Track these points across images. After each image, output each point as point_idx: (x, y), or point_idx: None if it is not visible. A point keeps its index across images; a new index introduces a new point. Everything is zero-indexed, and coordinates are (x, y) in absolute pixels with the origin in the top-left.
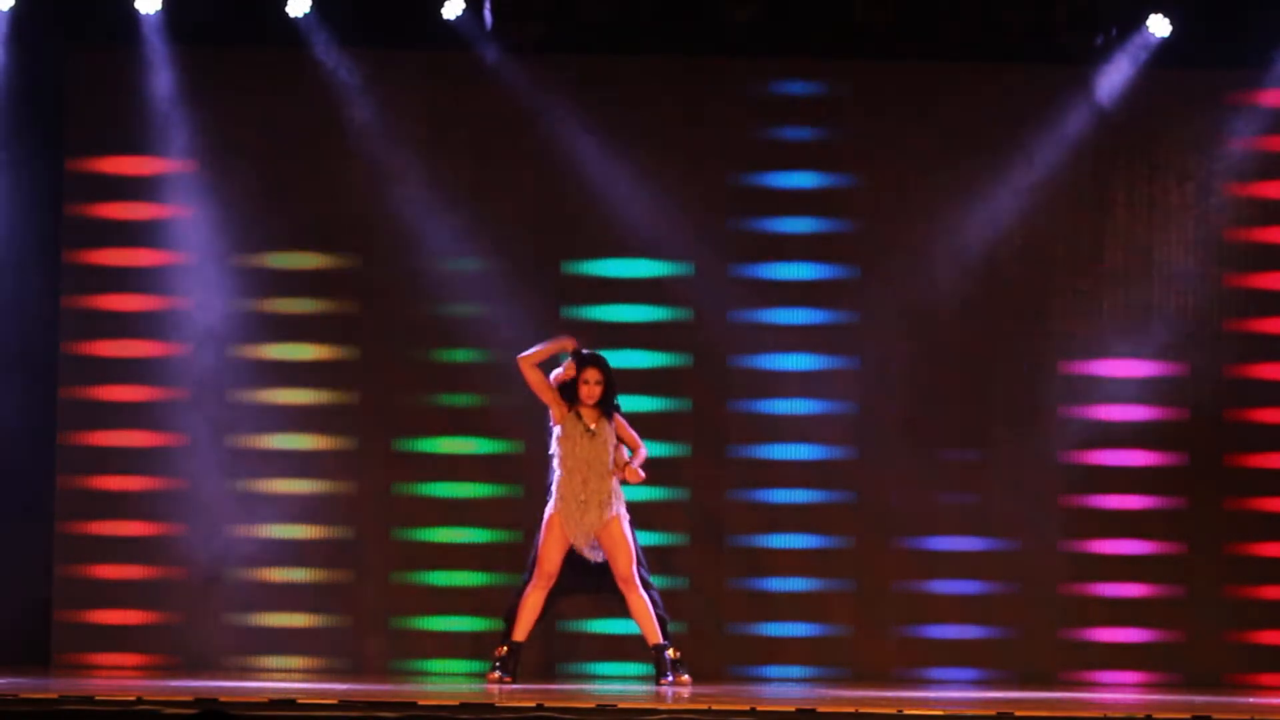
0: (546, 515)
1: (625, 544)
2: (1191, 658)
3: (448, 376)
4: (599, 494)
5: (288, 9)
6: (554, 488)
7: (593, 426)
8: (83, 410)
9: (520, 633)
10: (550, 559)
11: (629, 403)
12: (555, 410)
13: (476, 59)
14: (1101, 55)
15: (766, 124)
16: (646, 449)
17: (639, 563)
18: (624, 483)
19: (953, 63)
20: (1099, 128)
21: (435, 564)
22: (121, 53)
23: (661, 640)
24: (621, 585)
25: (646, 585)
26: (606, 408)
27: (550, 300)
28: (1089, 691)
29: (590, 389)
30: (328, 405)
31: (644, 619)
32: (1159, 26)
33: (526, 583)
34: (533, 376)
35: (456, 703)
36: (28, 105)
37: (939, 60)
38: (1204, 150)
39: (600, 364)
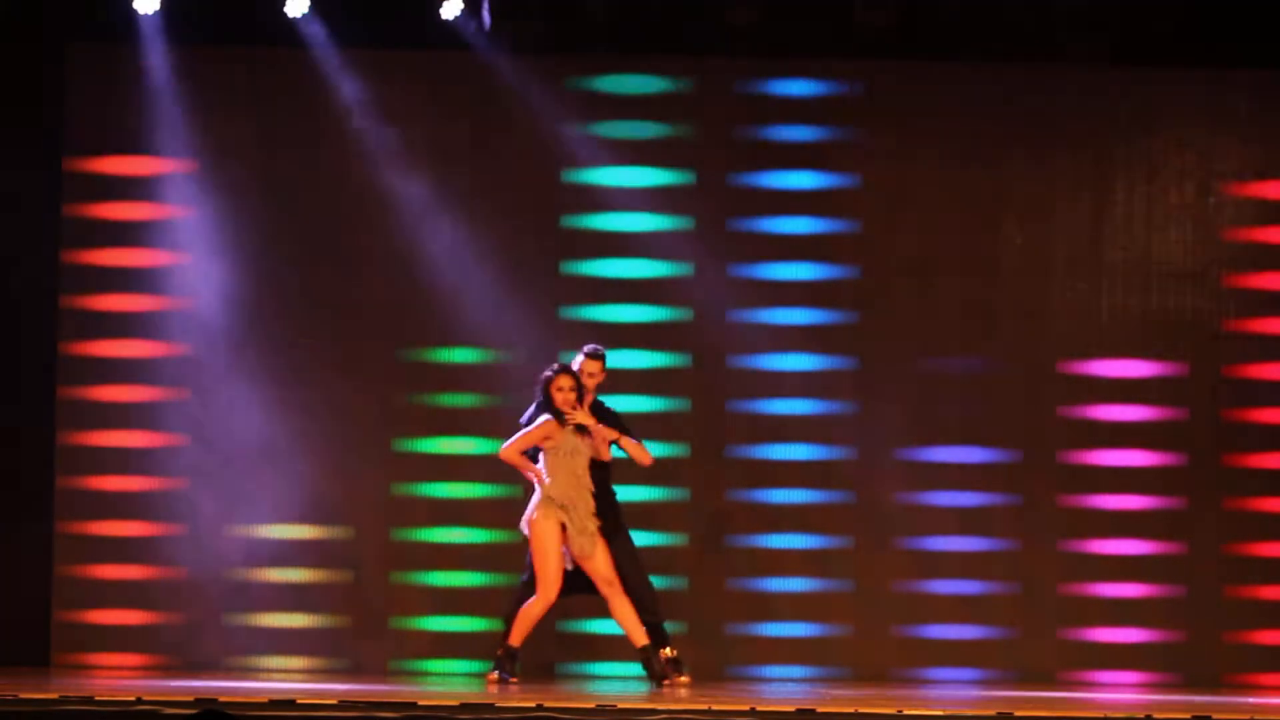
0: (540, 528)
1: (603, 546)
2: (1191, 658)
3: (447, 376)
4: (588, 500)
5: (287, 9)
6: (546, 498)
7: (586, 427)
8: (83, 410)
9: (517, 639)
10: (559, 571)
11: (630, 402)
12: (548, 438)
13: (475, 58)
14: (1097, 55)
15: (767, 124)
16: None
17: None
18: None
19: (952, 62)
20: (1099, 127)
21: (435, 564)
22: (121, 52)
23: (649, 642)
24: (605, 588)
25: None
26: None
27: (550, 300)
28: (1089, 691)
29: (565, 395)
30: (331, 405)
31: (629, 622)
32: (1159, 26)
33: (525, 584)
34: (518, 460)
35: (456, 703)
36: (28, 105)
37: (938, 60)
38: (1204, 150)
39: (572, 372)
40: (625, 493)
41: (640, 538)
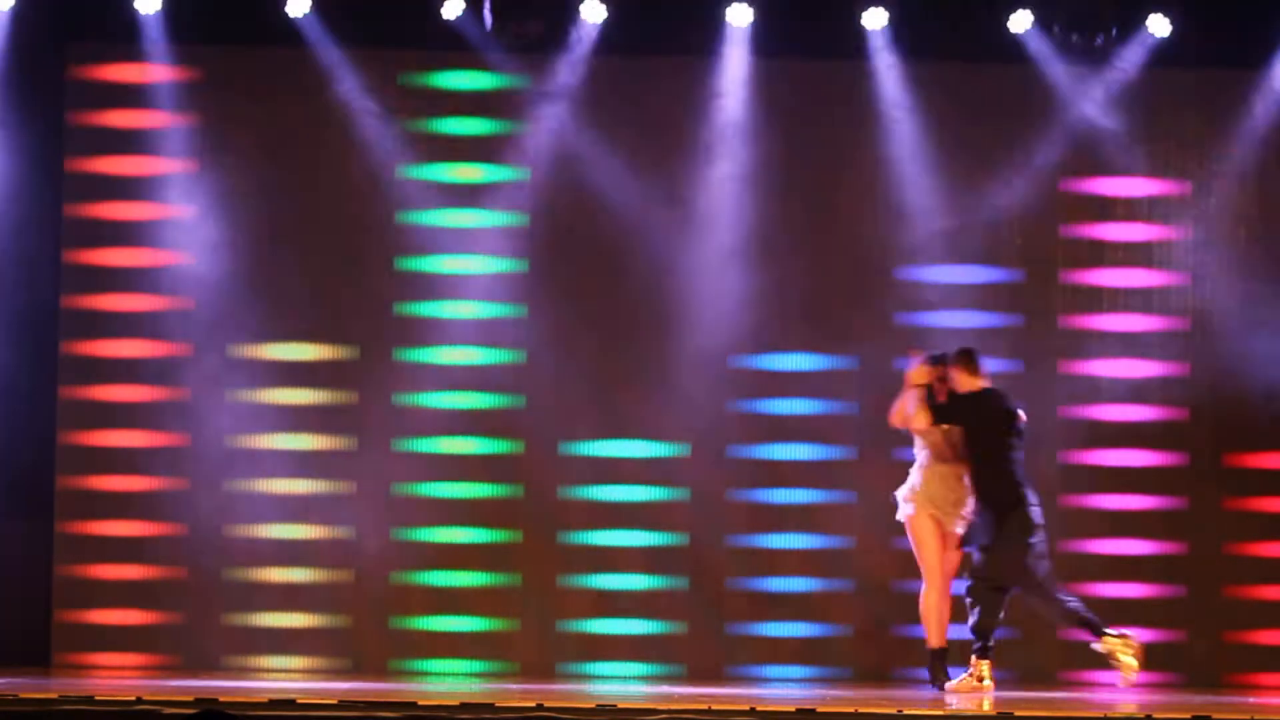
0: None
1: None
2: (1191, 658)
3: (448, 376)
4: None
5: (288, 9)
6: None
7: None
8: (83, 410)
9: (934, 639)
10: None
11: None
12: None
13: (476, 58)
14: (1102, 55)
15: (766, 123)
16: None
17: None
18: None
19: (950, 61)
20: (1099, 127)
21: (435, 564)
22: (121, 52)
23: (944, 647)
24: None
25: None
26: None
27: (551, 300)
28: (1089, 691)
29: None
30: (328, 405)
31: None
32: (1159, 26)
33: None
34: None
35: (456, 703)
36: (28, 104)
37: (937, 59)
38: (1204, 150)
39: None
40: (625, 492)
41: (641, 537)
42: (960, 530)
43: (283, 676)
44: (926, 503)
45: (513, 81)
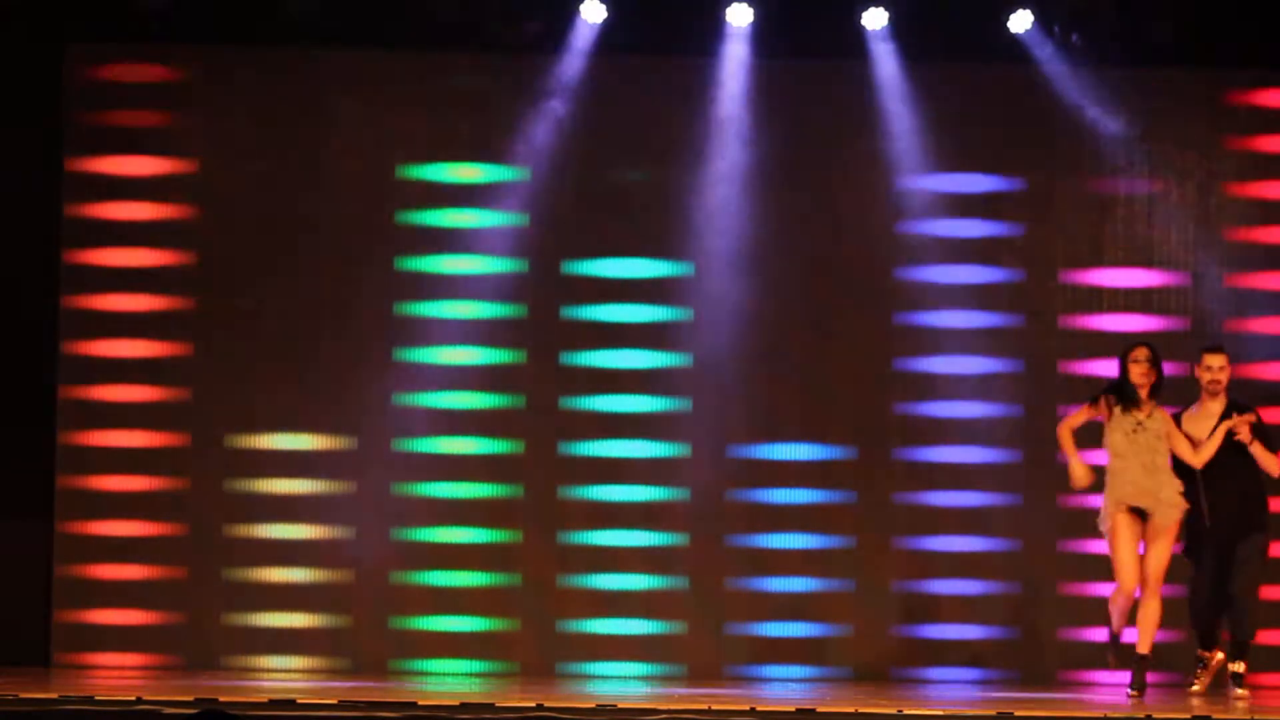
0: (1109, 520)
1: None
2: (1190, 658)
3: (449, 377)
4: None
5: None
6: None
7: (1142, 419)
8: (83, 410)
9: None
10: (1130, 562)
11: (628, 401)
12: (1102, 417)
13: (474, 59)
14: (1096, 55)
15: (767, 122)
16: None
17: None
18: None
19: (949, 62)
20: (1098, 127)
21: (435, 564)
22: (121, 52)
23: (1147, 653)
24: (1141, 585)
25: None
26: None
27: (550, 300)
28: (1089, 691)
29: (1140, 366)
30: (328, 405)
31: (1145, 628)
32: (1159, 28)
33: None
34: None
35: (456, 703)
36: (28, 105)
37: (936, 59)
38: (1204, 150)
39: (1150, 344)
40: (625, 492)
41: (641, 537)
42: (1168, 523)
43: (283, 676)
44: (1117, 502)
45: (513, 82)
